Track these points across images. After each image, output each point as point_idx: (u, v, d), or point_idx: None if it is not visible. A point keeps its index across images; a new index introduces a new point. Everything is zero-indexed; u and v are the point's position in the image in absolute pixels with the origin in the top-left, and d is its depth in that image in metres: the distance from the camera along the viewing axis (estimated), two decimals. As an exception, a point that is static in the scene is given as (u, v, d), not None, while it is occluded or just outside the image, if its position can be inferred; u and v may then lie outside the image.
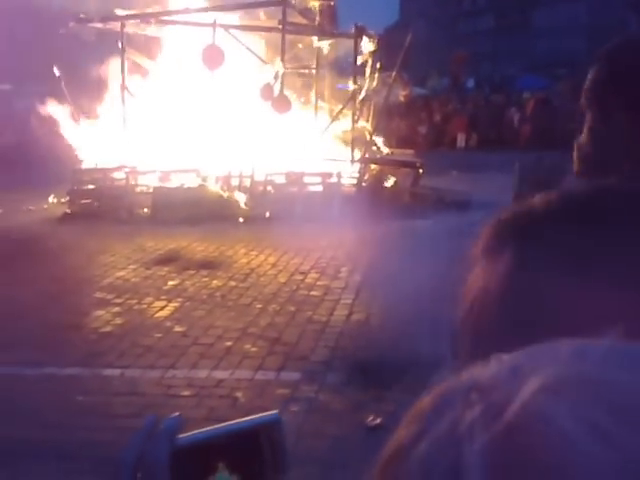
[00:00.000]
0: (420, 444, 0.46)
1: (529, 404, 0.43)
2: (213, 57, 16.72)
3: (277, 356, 7.78)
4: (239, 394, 6.83)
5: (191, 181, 16.17)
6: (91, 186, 16.39)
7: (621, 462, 0.40)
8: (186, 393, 6.89)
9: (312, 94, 19.58)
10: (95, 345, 8.12)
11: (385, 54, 20.16)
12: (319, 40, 19.43)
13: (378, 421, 6.01)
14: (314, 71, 19.81)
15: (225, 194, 15.98)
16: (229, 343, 8.18)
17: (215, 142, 16.43)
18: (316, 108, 19.30)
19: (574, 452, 0.41)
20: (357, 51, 18.92)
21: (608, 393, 0.43)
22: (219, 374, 7.32)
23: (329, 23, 19.74)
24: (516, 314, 0.72)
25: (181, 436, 0.98)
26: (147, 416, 1.01)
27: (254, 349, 7.99)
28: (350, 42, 19.13)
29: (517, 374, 0.46)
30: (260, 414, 1.00)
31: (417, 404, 0.50)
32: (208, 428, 0.99)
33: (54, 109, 17.84)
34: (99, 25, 18.14)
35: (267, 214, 15.39)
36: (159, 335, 8.49)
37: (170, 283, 10.70)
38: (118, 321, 9.02)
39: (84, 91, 17.98)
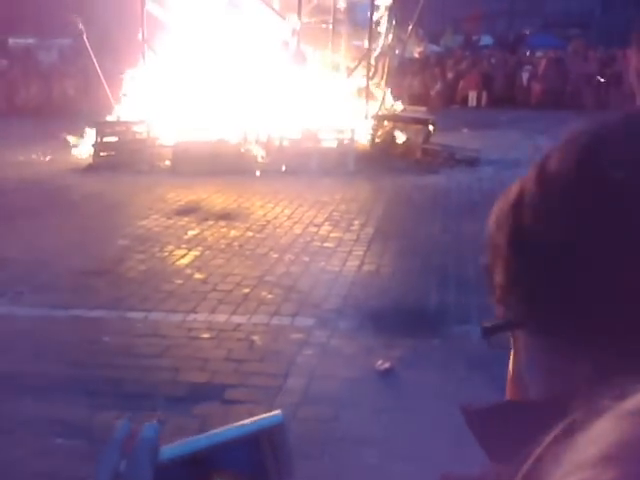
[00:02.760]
0: None
1: None
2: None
3: (292, 303, 7.91)
4: (256, 337, 6.97)
5: (210, 135, 16.12)
6: (114, 139, 16.44)
7: None
8: (206, 336, 7.04)
9: (328, 49, 19.26)
10: (120, 290, 8.25)
11: (400, 9, 19.98)
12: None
13: (387, 365, 6.21)
14: (330, 26, 19.48)
15: (243, 148, 15.99)
16: (247, 290, 8.31)
17: (233, 96, 16.38)
18: (332, 64, 19.11)
19: None
20: (373, 6, 18.79)
21: None
22: (237, 319, 7.48)
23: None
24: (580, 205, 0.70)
25: (166, 447, 0.86)
26: (118, 423, 0.86)
27: (270, 296, 8.12)
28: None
29: None
30: (261, 416, 0.91)
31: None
32: (202, 435, 0.89)
33: (77, 62, 17.91)
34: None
35: (283, 168, 15.41)
36: (180, 281, 8.62)
37: (190, 233, 10.78)
38: (141, 268, 9.16)
39: (105, 44, 18.09)
